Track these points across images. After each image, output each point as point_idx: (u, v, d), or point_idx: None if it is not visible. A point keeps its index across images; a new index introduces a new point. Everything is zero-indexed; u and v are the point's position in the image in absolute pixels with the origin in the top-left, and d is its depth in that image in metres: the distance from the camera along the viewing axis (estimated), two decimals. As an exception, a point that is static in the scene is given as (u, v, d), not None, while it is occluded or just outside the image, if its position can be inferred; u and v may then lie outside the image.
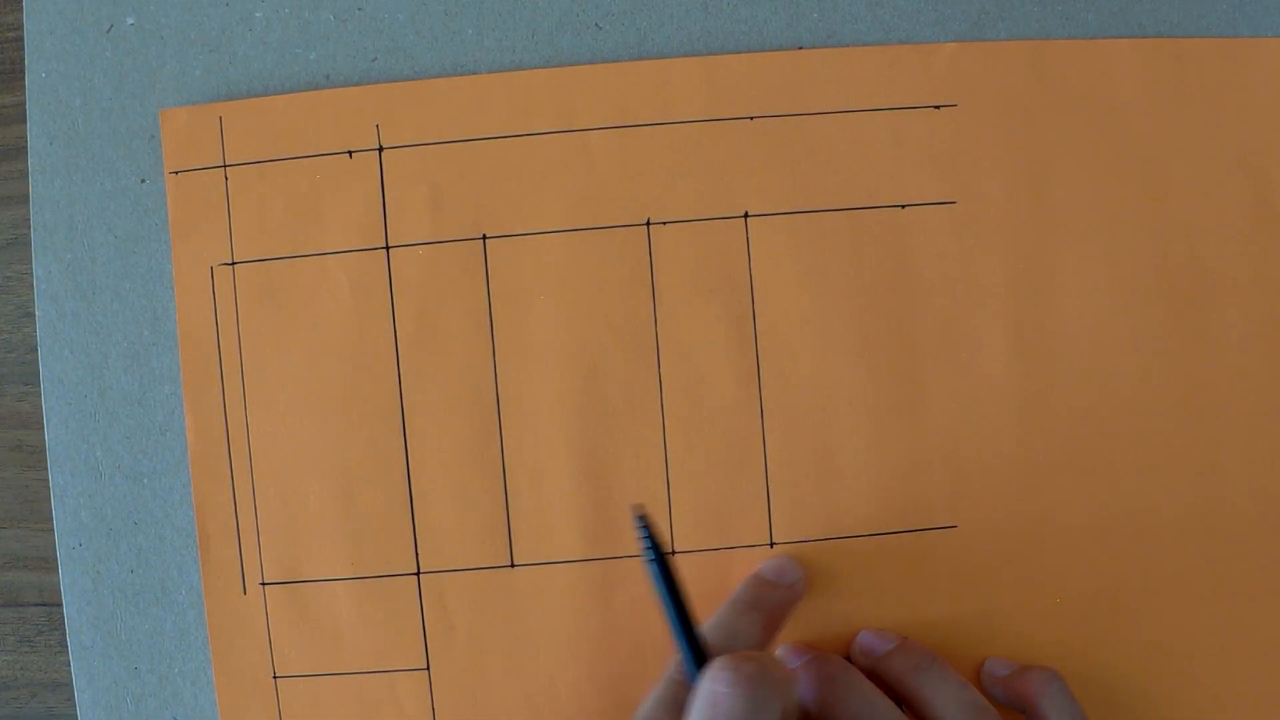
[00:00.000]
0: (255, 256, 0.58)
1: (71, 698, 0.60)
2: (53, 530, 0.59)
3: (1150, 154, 0.58)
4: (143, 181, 0.59)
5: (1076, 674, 0.58)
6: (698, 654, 0.50)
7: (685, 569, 0.57)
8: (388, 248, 0.58)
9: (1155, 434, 0.58)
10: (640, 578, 0.58)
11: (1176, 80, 0.58)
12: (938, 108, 0.58)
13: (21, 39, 0.59)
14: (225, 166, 0.58)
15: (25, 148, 0.59)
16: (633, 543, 0.58)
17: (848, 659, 0.57)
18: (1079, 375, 0.58)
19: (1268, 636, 0.59)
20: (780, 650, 0.57)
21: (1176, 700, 0.59)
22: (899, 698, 0.55)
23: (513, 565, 0.58)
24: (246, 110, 0.58)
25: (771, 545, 0.58)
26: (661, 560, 0.51)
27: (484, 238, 0.58)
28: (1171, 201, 0.58)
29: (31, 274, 0.59)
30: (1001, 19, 0.59)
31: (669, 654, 0.55)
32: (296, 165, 0.58)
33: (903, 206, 0.58)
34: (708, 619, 0.54)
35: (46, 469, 0.59)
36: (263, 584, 0.58)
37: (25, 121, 0.59)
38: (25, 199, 0.59)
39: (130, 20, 0.59)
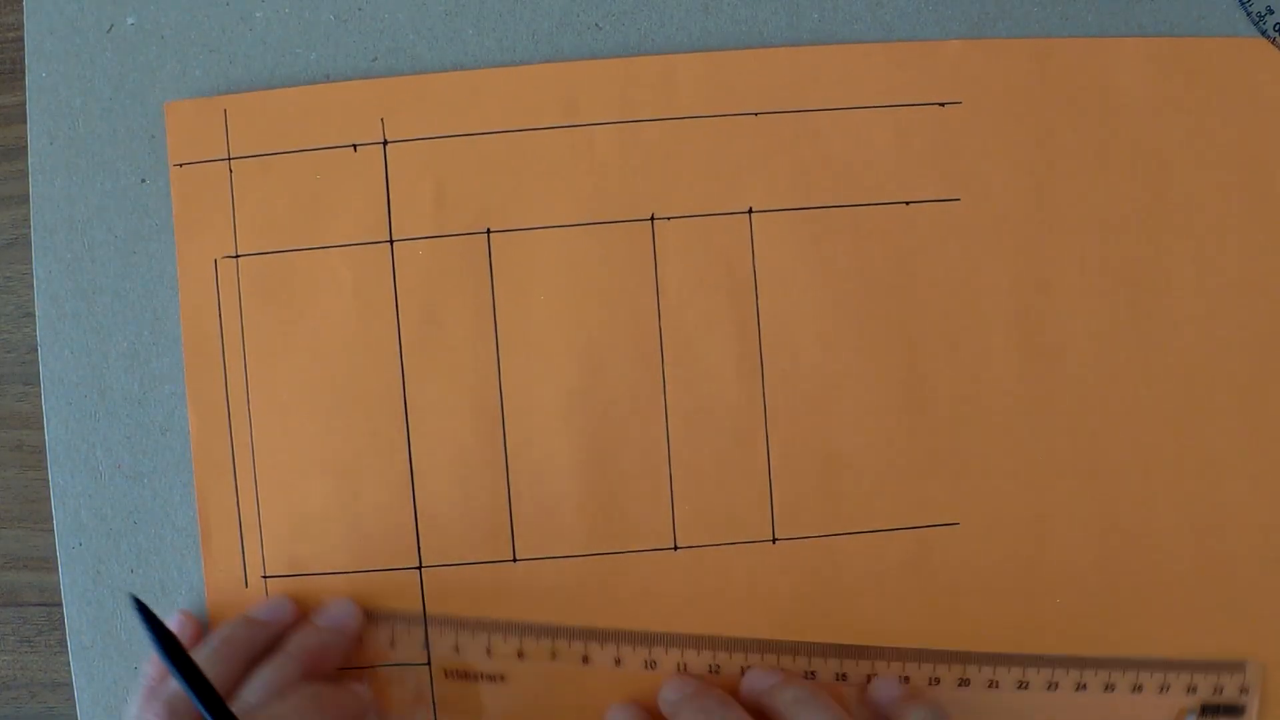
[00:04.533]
0: (259, 250, 0.58)
1: (71, 697, 0.59)
2: (53, 530, 0.59)
3: (1153, 152, 0.58)
4: (143, 181, 0.59)
5: (1076, 673, 0.58)
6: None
7: (686, 565, 0.58)
8: (391, 241, 0.58)
9: (1156, 432, 0.58)
10: (644, 572, 0.58)
11: (1179, 79, 0.59)
12: (942, 105, 0.58)
13: (21, 39, 0.59)
14: (230, 159, 0.58)
15: (25, 148, 0.59)
16: (637, 538, 0.58)
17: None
18: (1082, 372, 0.58)
19: (1268, 635, 0.59)
20: (668, 687, 0.57)
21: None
22: None
23: (515, 560, 0.58)
24: (251, 103, 0.58)
25: (774, 541, 0.58)
26: (167, 640, 0.50)
27: (488, 232, 0.58)
28: (1173, 199, 0.59)
29: (31, 274, 0.59)
30: (1002, 19, 0.59)
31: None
32: (301, 159, 0.58)
33: (907, 203, 0.58)
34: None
35: (46, 469, 0.59)
36: (264, 577, 0.58)
37: (25, 121, 0.59)
38: (25, 199, 0.59)
39: (130, 20, 0.59)
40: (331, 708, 0.52)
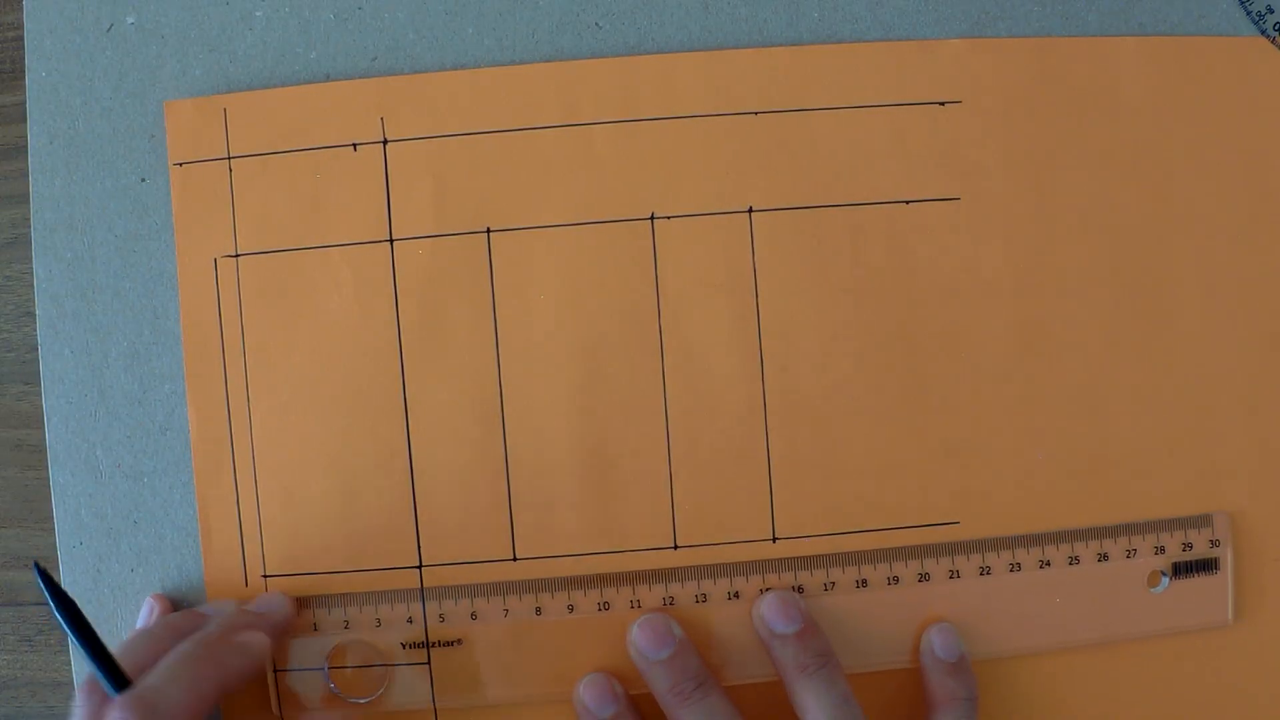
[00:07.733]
0: (259, 249, 0.58)
1: (71, 697, 0.59)
2: (53, 530, 0.59)
3: (1152, 151, 0.59)
4: (143, 180, 0.59)
5: (1075, 673, 0.58)
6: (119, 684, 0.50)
7: (687, 564, 0.58)
8: (391, 240, 0.58)
9: (1156, 431, 0.59)
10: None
11: (1179, 78, 0.59)
12: (942, 104, 0.58)
13: (21, 39, 0.59)
14: (230, 159, 0.58)
15: (25, 147, 0.59)
16: (637, 538, 0.58)
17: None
18: (1082, 372, 0.58)
19: (1269, 636, 0.59)
20: (642, 638, 0.56)
21: (1173, 695, 0.59)
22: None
23: (515, 559, 0.58)
24: (251, 102, 0.58)
25: (774, 540, 0.58)
26: (68, 606, 0.51)
27: (488, 231, 0.58)
28: (1173, 199, 0.59)
29: (32, 273, 0.59)
30: (1002, 19, 0.59)
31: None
32: (301, 158, 0.58)
33: (907, 203, 0.58)
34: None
35: (46, 469, 0.59)
36: (264, 576, 0.58)
37: (25, 121, 0.59)
38: (25, 199, 0.59)
39: (130, 19, 0.59)
40: (210, 660, 0.51)
